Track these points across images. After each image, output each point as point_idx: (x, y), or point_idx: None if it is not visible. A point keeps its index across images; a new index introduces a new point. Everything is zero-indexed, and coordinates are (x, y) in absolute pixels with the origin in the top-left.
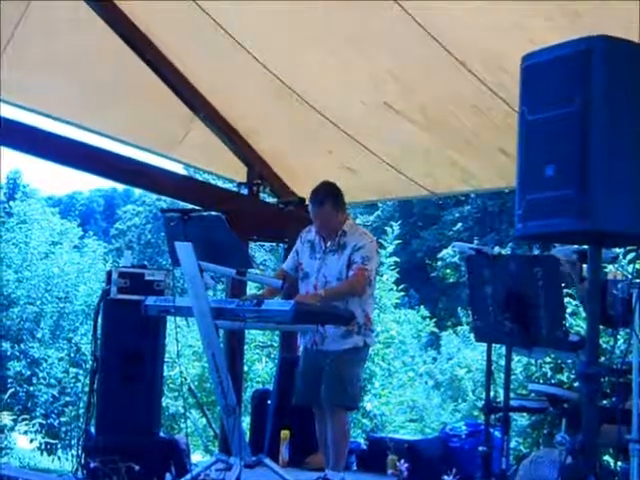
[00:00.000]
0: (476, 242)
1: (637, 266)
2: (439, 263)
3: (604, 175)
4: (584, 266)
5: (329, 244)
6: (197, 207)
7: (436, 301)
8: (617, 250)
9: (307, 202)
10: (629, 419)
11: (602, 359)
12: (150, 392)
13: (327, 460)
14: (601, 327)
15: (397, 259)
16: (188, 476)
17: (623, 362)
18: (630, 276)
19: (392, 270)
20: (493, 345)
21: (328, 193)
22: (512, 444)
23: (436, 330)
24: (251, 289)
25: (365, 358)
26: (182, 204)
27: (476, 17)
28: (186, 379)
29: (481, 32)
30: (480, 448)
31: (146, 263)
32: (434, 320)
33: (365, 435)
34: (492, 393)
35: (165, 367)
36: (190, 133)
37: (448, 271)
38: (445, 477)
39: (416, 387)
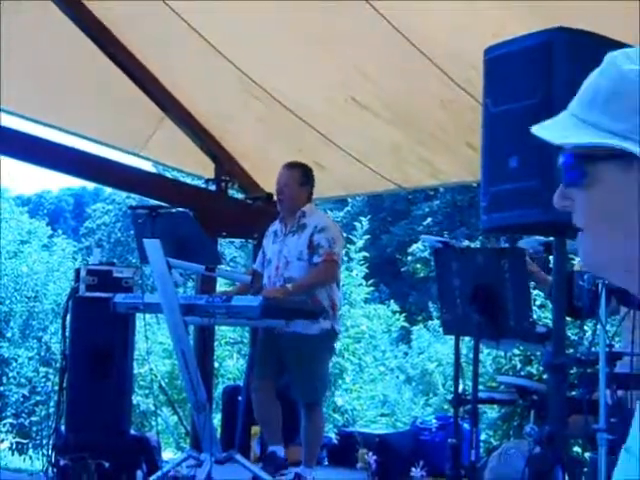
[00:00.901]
0: (446, 236)
1: None
2: (409, 258)
3: None
4: (550, 258)
5: (289, 226)
6: (166, 204)
7: (407, 296)
8: None
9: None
10: (597, 409)
11: (571, 351)
12: (120, 390)
13: (269, 435)
14: (568, 319)
15: (366, 254)
16: (159, 473)
17: (589, 353)
18: None
19: (361, 265)
20: (463, 338)
21: (301, 165)
22: (482, 437)
23: (407, 325)
24: (221, 286)
25: (332, 344)
26: (151, 202)
27: (443, 13)
28: (156, 376)
29: (448, 27)
30: (449, 440)
31: (115, 261)
32: (404, 315)
33: (336, 430)
34: (462, 386)
35: (135, 364)
36: (158, 131)
37: (418, 266)
38: (413, 469)
39: (387, 382)
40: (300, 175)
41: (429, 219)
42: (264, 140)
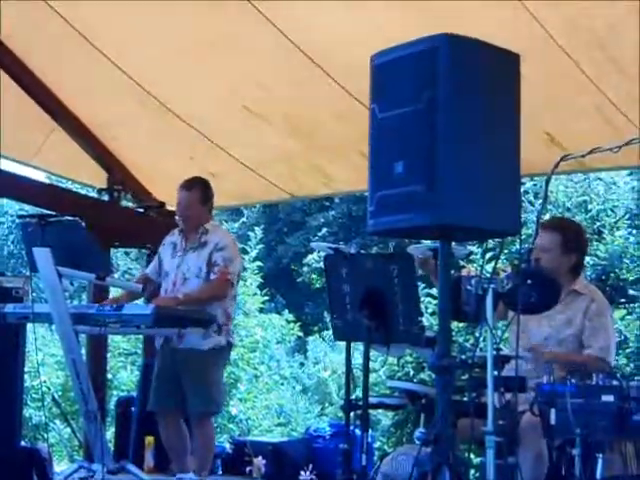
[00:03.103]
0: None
1: (495, 264)
2: (305, 269)
3: (451, 170)
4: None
5: (190, 242)
6: (56, 213)
7: (302, 306)
8: (471, 248)
9: (167, 206)
10: (485, 413)
11: (463, 356)
12: (10, 401)
13: (178, 464)
14: (461, 324)
15: (261, 264)
16: None
17: (474, 355)
18: (487, 274)
19: (256, 275)
20: (357, 346)
21: (199, 183)
22: (376, 444)
23: (302, 335)
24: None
25: (227, 358)
26: (44, 212)
27: (334, 24)
28: (49, 389)
29: (340, 38)
30: (341, 446)
31: (8, 273)
32: (299, 324)
33: (230, 439)
34: (355, 393)
35: (28, 377)
36: (50, 140)
37: (314, 276)
38: (302, 473)
39: (283, 391)
40: (200, 195)
41: (324, 229)
42: (157, 149)
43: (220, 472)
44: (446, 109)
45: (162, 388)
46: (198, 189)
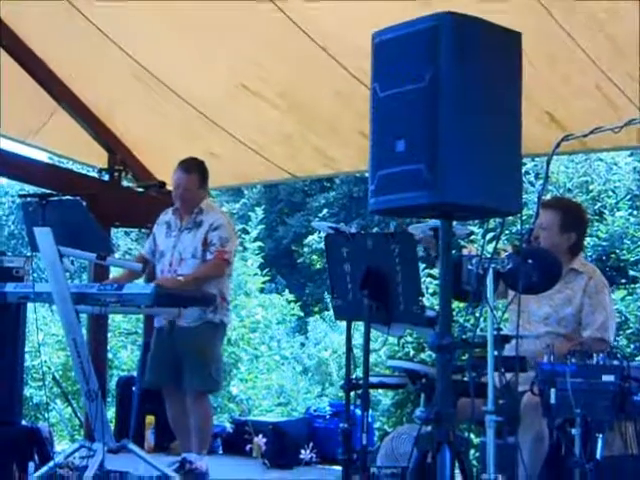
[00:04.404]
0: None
1: (496, 244)
2: (305, 249)
3: (452, 149)
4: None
5: (185, 222)
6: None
7: (303, 287)
8: (472, 228)
9: (168, 186)
10: (486, 392)
11: (464, 336)
12: (11, 380)
13: (183, 443)
14: (461, 304)
15: (262, 244)
16: (51, 463)
17: (474, 334)
18: (488, 254)
19: (257, 255)
20: (357, 326)
21: (198, 165)
22: (377, 424)
23: (302, 315)
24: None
25: (222, 337)
26: (45, 192)
27: (336, 2)
28: (50, 368)
29: (341, 17)
30: (341, 425)
31: (9, 254)
32: (299, 304)
33: (231, 419)
34: (355, 373)
35: (28, 356)
36: (51, 120)
37: (315, 257)
38: (302, 452)
39: (284, 372)
40: (198, 178)
41: (325, 210)
42: (158, 129)
43: (220, 451)
44: (448, 87)
45: (162, 367)
46: (196, 172)
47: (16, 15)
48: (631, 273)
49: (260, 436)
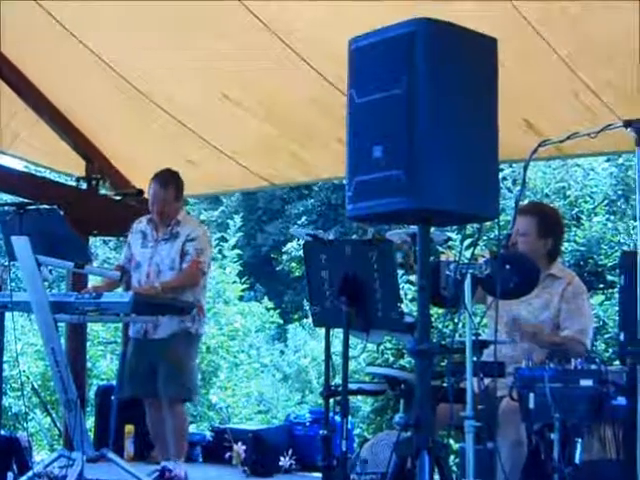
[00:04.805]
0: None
1: (473, 250)
2: (284, 257)
3: (430, 154)
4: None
5: (161, 233)
6: (35, 201)
7: (282, 295)
8: (449, 234)
9: (146, 194)
10: (465, 398)
11: (443, 342)
12: None
13: (162, 452)
14: (440, 310)
15: (240, 252)
16: (29, 473)
17: (453, 340)
18: (466, 260)
19: (235, 263)
20: (337, 334)
21: (173, 178)
22: (356, 431)
23: (281, 323)
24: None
25: (197, 347)
26: (22, 201)
27: (315, 10)
28: (29, 378)
29: (318, 24)
30: (321, 432)
31: None
32: (278, 312)
33: (210, 427)
34: (335, 380)
35: (7, 366)
36: (28, 129)
37: (293, 265)
38: (282, 459)
39: (263, 379)
40: (175, 192)
41: (304, 218)
42: (136, 138)
43: (200, 459)
44: (425, 93)
45: (138, 376)
46: (173, 186)
47: None
48: (609, 278)
49: (240, 444)
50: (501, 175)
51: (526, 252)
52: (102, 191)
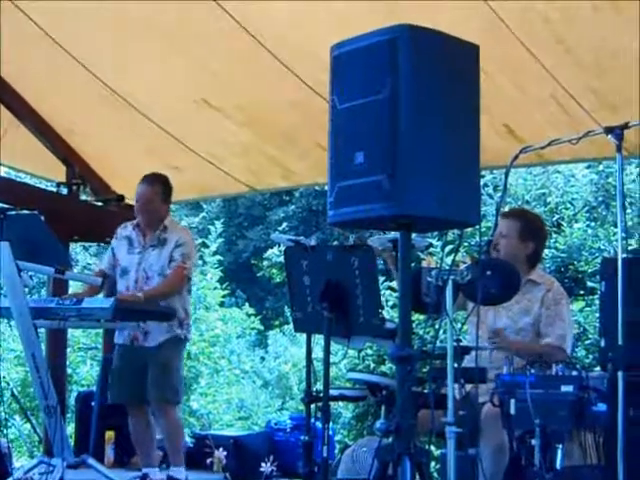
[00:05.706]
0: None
1: (455, 256)
2: (265, 263)
3: (412, 160)
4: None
5: (148, 239)
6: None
7: (263, 301)
8: (430, 240)
9: (127, 200)
10: (446, 404)
11: (424, 348)
12: None
13: (144, 459)
14: (421, 317)
15: (221, 258)
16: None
17: (434, 346)
18: (447, 266)
19: (216, 269)
20: (318, 340)
21: (160, 178)
22: (337, 437)
23: (262, 329)
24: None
25: (183, 352)
26: (2, 206)
27: (293, 13)
28: (8, 384)
29: (298, 29)
30: (302, 438)
31: None
32: (259, 318)
33: (191, 433)
34: (315, 386)
35: None
36: (8, 134)
37: (274, 271)
38: (263, 464)
39: (244, 386)
40: (162, 191)
41: (285, 224)
42: (116, 143)
43: None
44: (407, 99)
45: (125, 382)
46: (160, 184)
47: None
48: (589, 284)
49: (221, 450)
50: (482, 182)
51: (507, 254)
52: (82, 196)
